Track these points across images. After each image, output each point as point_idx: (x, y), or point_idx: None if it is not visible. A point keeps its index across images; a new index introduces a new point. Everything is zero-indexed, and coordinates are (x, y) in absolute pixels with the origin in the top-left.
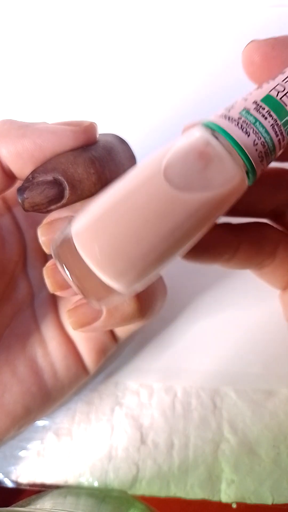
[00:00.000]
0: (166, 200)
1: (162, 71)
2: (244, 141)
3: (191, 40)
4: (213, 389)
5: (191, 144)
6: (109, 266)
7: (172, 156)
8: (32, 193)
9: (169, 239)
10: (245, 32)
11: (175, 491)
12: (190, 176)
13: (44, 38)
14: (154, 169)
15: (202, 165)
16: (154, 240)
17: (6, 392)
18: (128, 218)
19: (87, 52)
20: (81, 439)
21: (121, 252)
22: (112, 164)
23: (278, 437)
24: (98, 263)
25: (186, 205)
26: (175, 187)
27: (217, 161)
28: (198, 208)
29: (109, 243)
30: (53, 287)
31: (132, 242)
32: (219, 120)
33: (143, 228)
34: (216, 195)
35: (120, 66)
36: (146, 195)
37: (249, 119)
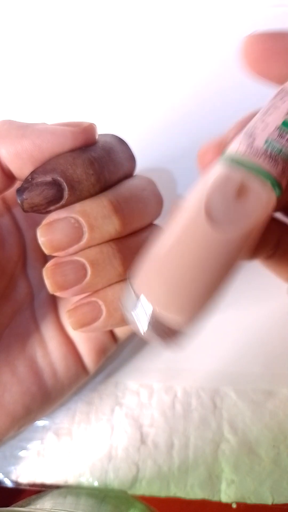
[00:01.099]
0: (212, 243)
1: (161, 71)
2: (274, 172)
3: (191, 40)
4: (213, 389)
5: (226, 184)
6: (171, 307)
7: (210, 197)
8: (31, 194)
9: (221, 273)
10: (245, 32)
11: (175, 491)
12: (231, 214)
13: (44, 39)
14: (195, 213)
15: (240, 203)
16: (209, 278)
17: (6, 392)
18: (181, 265)
19: (86, 52)
20: (81, 439)
21: (180, 294)
22: (111, 164)
23: (278, 437)
24: (162, 304)
25: (230, 243)
26: (218, 228)
27: (252, 195)
28: (241, 241)
29: (168, 288)
30: (52, 288)
31: (188, 285)
32: (246, 155)
33: (197, 271)
34: (255, 223)
35: (119, 67)
36: (192, 241)
37: (275, 150)
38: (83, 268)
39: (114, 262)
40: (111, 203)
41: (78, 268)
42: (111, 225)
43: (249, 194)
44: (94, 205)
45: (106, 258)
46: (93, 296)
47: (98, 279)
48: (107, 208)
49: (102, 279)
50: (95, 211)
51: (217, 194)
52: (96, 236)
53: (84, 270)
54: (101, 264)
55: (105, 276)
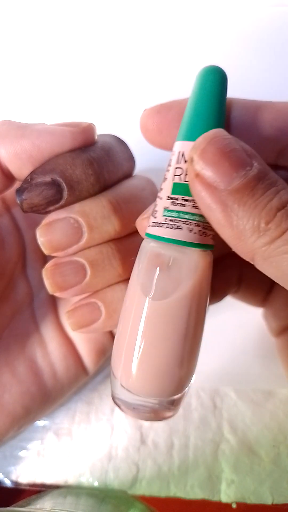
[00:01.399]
0: (157, 315)
1: (161, 72)
2: (181, 235)
3: (191, 40)
4: (213, 389)
5: (148, 261)
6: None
7: (143, 277)
8: (30, 194)
9: (188, 338)
10: (245, 32)
11: (175, 491)
12: (164, 285)
13: (44, 40)
14: (136, 295)
15: (165, 274)
16: (179, 350)
17: (5, 393)
18: (145, 349)
19: (86, 53)
20: (81, 439)
21: (155, 376)
22: (111, 164)
23: (278, 437)
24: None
25: (174, 309)
26: (157, 301)
27: (173, 264)
28: (188, 304)
29: (140, 373)
30: (52, 288)
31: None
32: (154, 230)
33: (161, 346)
34: (191, 286)
35: (118, 67)
36: (140, 318)
37: (173, 215)
38: (83, 268)
39: (114, 262)
40: (110, 203)
41: (78, 269)
42: (110, 225)
43: (168, 264)
44: (94, 205)
45: (106, 259)
46: (92, 297)
47: (98, 279)
48: (106, 208)
49: (102, 280)
50: (95, 211)
51: (145, 272)
52: (96, 236)
53: (84, 271)
54: (101, 264)
55: (105, 277)
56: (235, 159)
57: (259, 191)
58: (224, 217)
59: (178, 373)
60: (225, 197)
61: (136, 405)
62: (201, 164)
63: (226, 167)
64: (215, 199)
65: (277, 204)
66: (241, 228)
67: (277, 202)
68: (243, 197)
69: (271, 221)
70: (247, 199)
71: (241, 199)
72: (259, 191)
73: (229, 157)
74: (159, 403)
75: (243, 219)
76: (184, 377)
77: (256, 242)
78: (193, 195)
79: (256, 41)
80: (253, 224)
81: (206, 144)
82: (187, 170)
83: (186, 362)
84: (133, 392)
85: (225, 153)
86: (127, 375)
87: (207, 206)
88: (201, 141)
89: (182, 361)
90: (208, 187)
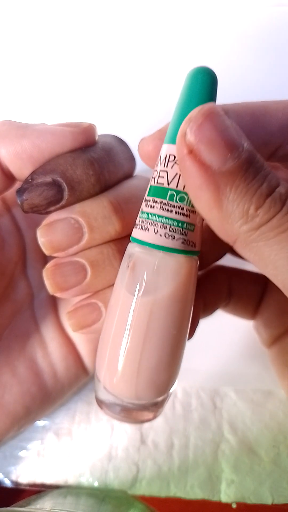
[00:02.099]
0: (141, 310)
1: (161, 72)
2: (147, 236)
3: (191, 40)
4: (213, 389)
5: (124, 262)
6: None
7: (128, 278)
8: (31, 195)
9: (171, 340)
10: (245, 32)
11: (175, 491)
12: (146, 284)
13: (44, 40)
14: (120, 295)
15: (137, 272)
16: (162, 352)
17: (6, 393)
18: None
19: (86, 53)
20: (81, 439)
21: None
22: (111, 165)
23: (277, 437)
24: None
25: (158, 306)
26: (141, 298)
27: (143, 264)
28: (170, 306)
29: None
30: (52, 289)
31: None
32: (133, 232)
33: (147, 341)
34: (172, 287)
35: (119, 68)
36: (125, 317)
37: (143, 217)
38: (83, 269)
39: (114, 262)
40: (111, 204)
41: (78, 269)
42: (111, 225)
43: (139, 264)
44: (94, 205)
45: (106, 259)
46: (92, 297)
47: (98, 279)
48: (107, 208)
49: (102, 280)
50: (95, 212)
51: (123, 270)
52: (96, 237)
53: (84, 271)
54: (101, 265)
55: (105, 277)
56: (230, 139)
57: (250, 174)
58: (214, 199)
59: (162, 376)
60: (218, 177)
61: (119, 408)
62: (197, 141)
63: (222, 146)
64: (208, 179)
65: (267, 190)
66: (229, 211)
67: (267, 188)
68: (235, 180)
69: (260, 207)
70: (239, 182)
71: (233, 182)
72: (251, 175)
73: (224, 136)
74: (142, 405)
75: (234, 202)
76: (167, 380)
77: (242, 227)
78: (182, 173)
79: (256, 41)
80: (243, 208)
81: (203, 119)
82: (177, 148)
83: (169, 365)
84: (116, 395)
85: (221, 131)
86: (110, 378)
87: (198, 186)
88: (198, 115)
89: (165, 364)
90: (201, 165)
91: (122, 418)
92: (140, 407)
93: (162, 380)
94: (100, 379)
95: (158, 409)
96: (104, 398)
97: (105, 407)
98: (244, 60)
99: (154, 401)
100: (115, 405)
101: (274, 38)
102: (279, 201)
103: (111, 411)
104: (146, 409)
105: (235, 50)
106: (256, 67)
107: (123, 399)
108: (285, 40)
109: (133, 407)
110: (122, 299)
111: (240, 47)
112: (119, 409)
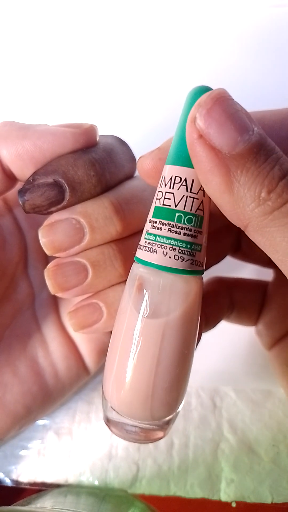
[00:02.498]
0: (149, 333)
1: (161, 72)
2: (156, 258)
3: (191, 40)
4: (213, 389)
5: (131, 284)
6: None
7: (136, 299)
8: (32, 195)
9: (179, 362)
10: (245, 32)
11: (175, 490)
12: (157, 306)
13: (45, 41)
14: (127, 315)
15: (147, 294)
16: (169, 373)
17: (7, 392)
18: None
19: (87, 54)
20: (82, 438)
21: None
22: (112, 165)
23: (277, 437)
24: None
25: (167, 328)
26: (150, 320)
27: (152, 287)
28: (176, 324)
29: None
30: (54, 289)
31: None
32: (138, 252)
33: (157, 364)
34: (184, 306)
35: (119, 69)
36: (134, 338)
37: (150, 239)
38: (84, 269)
39: (115, 263)
40: (112, 204)
41: (80, 269)
42: (112, 226)
43: (146, 286)
44: (96, 206)
45: (107, 259)
46: (94, 297)
47: (99, 280)
48: (108, 209)
49: (103, 280)
50: (97, 212)
51: (129, 291)
52: (97, 237)
53: (85, 271)
54: (102, 265)
55: (106, 277)
56: (239, 122)
57: (261, 157)
58: (225, 182)
59: (174, 394)
60: (229, 161)
61: (127, 428)
62: (206, 125)
63: (231, 130)
64: (218, 163)
65: (279, 173)
66: (241, 194)
67: (279, 171)
68: (246, 163)
69: (272, 191)
70: (250, 165)
71: (244, 165)
72: (262, 158)
73: (234, 119)
74: (150, 425)
75: (245, 186)
76: (179, 397)
77: (254, 211)
78: (192, 158)
79: (256, 42)
80: (255, 192)
81: (213, 103)
82: (187, 133)
83: (181, 383)
84: (123, 415)
85: (230, 115)
86: (117, 398)
87: (208, 170)
88: (207, 99)
89: (177, 383)
90: (211, 149)
91: (133, 438)
92: (153, 426)
93: (174, 398)
94: (107, 398)
95: (168, 426)
96: (113, 418)
97: (113, 427)
98: (244, 60)
99: (166, 419)
100: (125, 425)
101: (273, 38)
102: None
103: (120, 431)
104: (158, 428)
105: (235, 50)
106: (256, 67)
107: (130, 419)
108: (285, 40)
109: (145, 427)
110: (131, 321)
111: (240, 47)
112: (130, 429)
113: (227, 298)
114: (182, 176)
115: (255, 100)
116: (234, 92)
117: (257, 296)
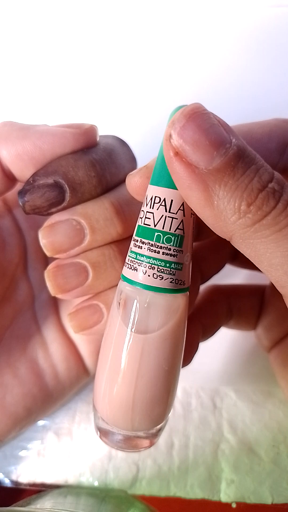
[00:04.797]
0: (134, 347)
1: (161, 73)
2: (136, 276)
3: (191, 41)
4: (213, 389)
5: (117, 298)
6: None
7: (121, 314)
8: (33, 196)
9: (167, 375)
10: (245, 32)
11: (175, 491)
12: (138, 322)
13: (45, 42)
14: (117, 328)
15: (128, 311)
16: (157, 386)
17: (7, 394)
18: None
19: (87, 55)
20: (81, 439)
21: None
22: (113, 166)
23: (277, 437)
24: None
25: (152, 343)
26: (139, 336)
27: (133, 303)
28: (166, 342)
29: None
30: (54, 290)
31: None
32: (123, 269)
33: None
34: (163, 324)
35: (120, 69)
36: (121, 352)
37: (132, 257)
38: (85, 270)
39: (116, 264)
40: (112, 205)
41: (80, 271)
42: (112, 227)
43: (128, 302)
44: (96, 207)
45: (108, 260)
46: (94, 299)
47: (100, 281)
48: (109, 210)
49: (104, 281)
50: (97, 213)
51: (122, 308)
52: (98, 238)
53: (86, 273)
54: (103, 266)
55: (107, 279)
56: (215, 137)
57: (239, 170)
58: (204, 198)
59: (156, 409)
60: (206, 176)
61: (116, 437)
62: (181, 142)
63: (206, 145)
64: (196, 179)
65: (258, 185)
66: (221, 208)
67: (258, 183)
68: (224, 177)
69: (252, 203)
70: (228, 179)
71: (222, 179)
72: (240, 170)
73: (209, 134)
74: (139, 436)
75: (224, 199)
76: (162, 412)
77: (236, 223)
78: (172, 175)
79: (256, 42)
80: (234, 205)
81: (186, 120)
82: (164, 150)
83: (163, 398)
84: (109, 424)
85: (205, 130)
86: (106, 410)
87: (187, 186)
88: (180, 117)
89: (158, 398)
90: (187, 166)
91: (119, 446)
92: (137, 437)
93: (157, 412)
94: (97, 409)
95: (155, 436)
96: (102, 427)
97: (102, 435)
98: (244, 60)
99: (150, 432)
100: (112, 433)
101: (273, 38)
102: (272, 198)
103: (108, 439)
104: (143, 438)
105: (235, 50)
106: (256, 67)
107: (119, 429)
108: (284, 40)
109: (130, 437)
110: (117, 333)
111: (239, 47)
112: (116, 438)
113: (225, 306)
114: (161, 196)
115: (255, 100)
116: (234, 93)
117: (254, 302)
